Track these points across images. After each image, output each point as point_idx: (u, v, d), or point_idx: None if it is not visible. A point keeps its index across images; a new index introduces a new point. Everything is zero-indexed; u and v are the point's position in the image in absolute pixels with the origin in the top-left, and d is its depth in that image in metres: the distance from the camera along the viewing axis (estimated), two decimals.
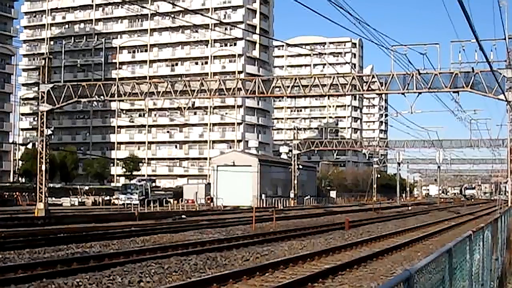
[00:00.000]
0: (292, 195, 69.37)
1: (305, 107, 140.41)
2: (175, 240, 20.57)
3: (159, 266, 12.72)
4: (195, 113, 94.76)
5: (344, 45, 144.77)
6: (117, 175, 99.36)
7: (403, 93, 35.69)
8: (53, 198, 52.12)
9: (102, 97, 38.30)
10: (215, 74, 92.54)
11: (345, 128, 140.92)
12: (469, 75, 34.14)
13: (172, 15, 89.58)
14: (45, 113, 38.85)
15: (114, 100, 47.91)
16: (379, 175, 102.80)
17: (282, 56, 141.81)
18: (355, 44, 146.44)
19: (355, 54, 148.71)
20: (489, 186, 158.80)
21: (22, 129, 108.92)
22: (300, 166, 73.20)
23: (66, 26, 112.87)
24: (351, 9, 49.11)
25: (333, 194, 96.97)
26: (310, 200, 76.42)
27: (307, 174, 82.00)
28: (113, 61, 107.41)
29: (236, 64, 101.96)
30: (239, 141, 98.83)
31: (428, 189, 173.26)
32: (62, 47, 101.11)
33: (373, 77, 37.68)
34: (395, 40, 66.95)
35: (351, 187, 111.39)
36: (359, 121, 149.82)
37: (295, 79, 38.94)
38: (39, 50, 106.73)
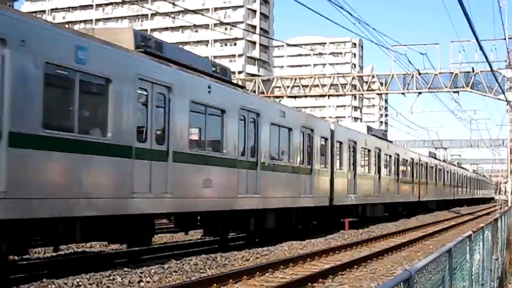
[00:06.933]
0: None
1: (305, 107, 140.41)
2: None
3: (159, 266, 12.72)
4: None
5: (344, 45, 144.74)
6: None
7: (403, 93, 35.73)
8: None
9: None
10: None
11: None
12: (469, 75, 34.17)
13: (172, 15, 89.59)
14: None
15: None
16: None
17: (282, 56, 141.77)
18: (355, 44, 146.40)
19: (355, 54, 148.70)
20: None
21: None
22: None
23: (67, 26, 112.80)
24: (351, 9, 49.26)
25: None
26: None
27: None
28: None
29: (236, 64, 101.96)
30: None
31: None
32: None
33: (373, 77, 37.70)
34: (395, 40, 67.03)
35: None
36: (359, 121, 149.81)
37: (295, 79, 38.96)
38: None
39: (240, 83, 39.66)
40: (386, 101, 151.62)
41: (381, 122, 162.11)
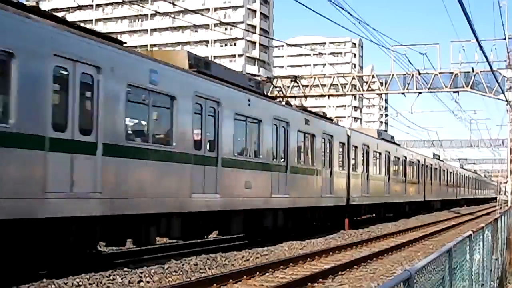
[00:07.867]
0: None
1: (305, 107, 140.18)
2: None
3: (159, 266, 12.73)
4: None
5: (344, 45, 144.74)
6: None
7: (403, 93, 35.68)
8: None
9: None
10: None
11: None
12: (469, 75, 34.12)
13: (172, 15, 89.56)
14: None
15: None
16: None
17: (282, 56, 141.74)
18: (355, 44, 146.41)
19: (355, 54, 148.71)
20: None
21: None
22: None
23: None
24: (351, 9, 49.15)
25: None
26: None
27: None
28: None
29: (236, 64, 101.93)
30: None
31: None
32: None
33: (373, 77, 37.66)
34: (395, 40, 66.98)
35: None
36: (359, 121, 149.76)
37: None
38: None
39: None
40: (386, 101, 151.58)
41: (381, 122, 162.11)
